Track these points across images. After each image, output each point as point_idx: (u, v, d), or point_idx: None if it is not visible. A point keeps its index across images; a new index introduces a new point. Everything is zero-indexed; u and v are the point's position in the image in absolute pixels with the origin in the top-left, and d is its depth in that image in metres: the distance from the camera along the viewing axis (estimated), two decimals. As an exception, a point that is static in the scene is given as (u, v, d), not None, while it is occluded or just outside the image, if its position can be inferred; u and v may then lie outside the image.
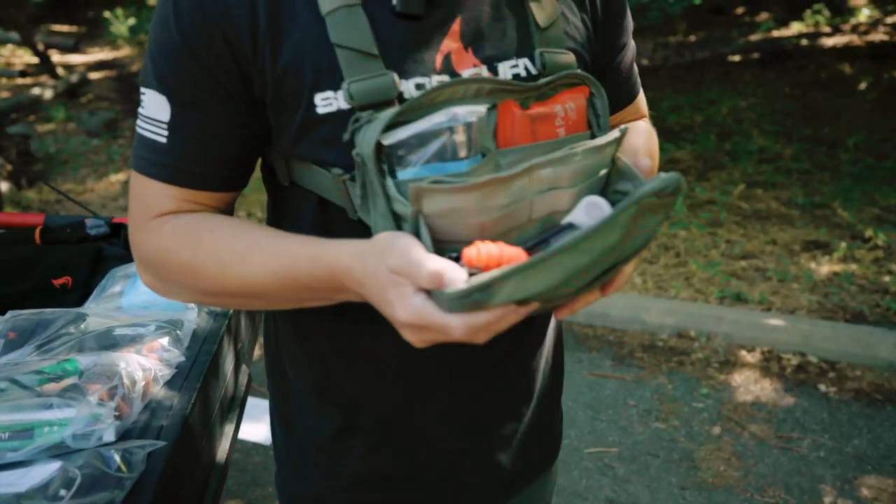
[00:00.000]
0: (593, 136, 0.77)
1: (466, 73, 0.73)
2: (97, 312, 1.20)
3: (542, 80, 0.72)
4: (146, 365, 1.02)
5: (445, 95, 0.67)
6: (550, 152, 0.69)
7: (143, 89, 0.72)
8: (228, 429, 1.20)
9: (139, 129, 0.73)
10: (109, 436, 0.90)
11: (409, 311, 0.59)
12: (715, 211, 4.03)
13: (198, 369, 1.11)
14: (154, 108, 0.71)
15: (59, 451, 0.89)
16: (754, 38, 7.36)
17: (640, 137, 0.92)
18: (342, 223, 0.73)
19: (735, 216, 3.96)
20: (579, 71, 0.75)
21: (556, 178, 0.68)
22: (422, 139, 0.65)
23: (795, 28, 7.53)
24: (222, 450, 1.14)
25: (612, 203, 0.72)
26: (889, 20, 7.20)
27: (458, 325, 0.57)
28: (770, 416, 2.54)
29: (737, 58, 6.80)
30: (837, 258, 3.48)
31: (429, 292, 0.59)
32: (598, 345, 3.01)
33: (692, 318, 3.04)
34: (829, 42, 6.89)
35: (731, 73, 6.36)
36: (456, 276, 0.57)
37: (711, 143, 4.88)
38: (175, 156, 0.71)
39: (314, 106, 0.69)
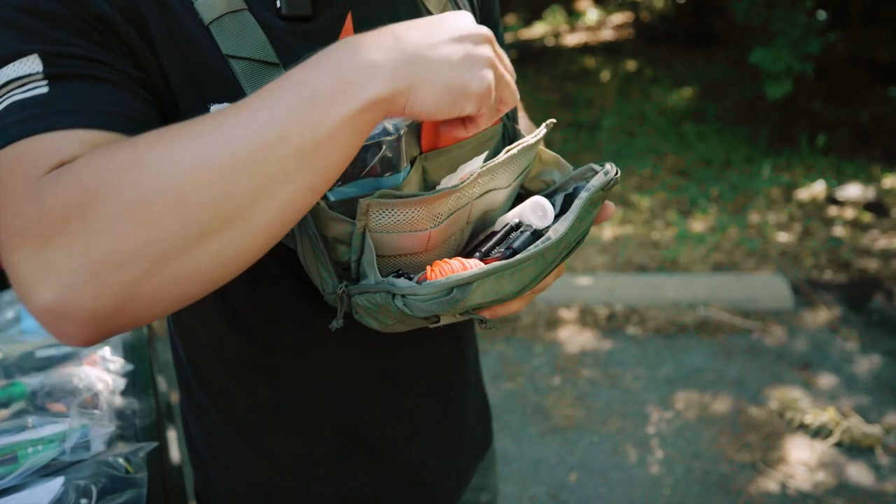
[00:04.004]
0: (505, 127, 0.77)
1: None
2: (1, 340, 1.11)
3: None
4: (102, 376, 0.98)
5: None
6: (473, 150, 0.68)
7: None
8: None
9: (1, 105, 0.51)
10: (101, 445, 0.87)
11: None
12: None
13: (144, 375, 1.08)
14: (15, 71, 0.51)
15: (48, 469, 0.83)
16: (507, 38, 8.10)
17: (524, 118, 0.93)
18: None
19: (528, 196, 4.40)
20: None
21: (495, 180, 0.67)
22: (355, 155, 0.59)
23: (539, 29, 8.43)
24: (176, 447, 1.12)
25: (537, 192, 0.75)
26: (614, 21, 8.36)
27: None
28: (595, 360, 2.92)
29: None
30: (617, 222, 4.05)
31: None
32: (437, 325, 3.20)
33: (514, 289, 3.36)
34: (570, 40, 7.83)
35: (496, 70, 6.97)
36: None
37: (493, 133, 5.34)
38: (70, 98, 0.51)
39: None
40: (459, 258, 0.60)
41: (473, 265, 0.59)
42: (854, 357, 2.81)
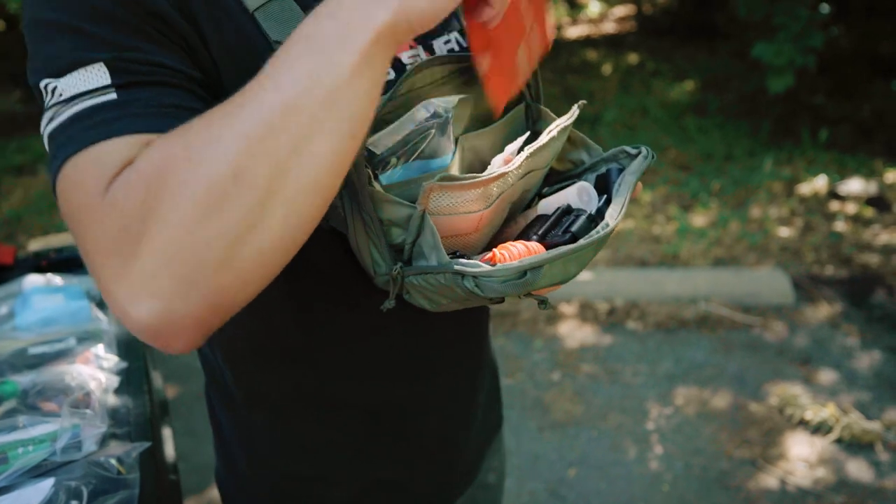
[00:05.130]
0: (528, 108, 0.78)
1: (405, 56, 0.70)
2: (-6, 337, 1.09)
3: None
4: (95, 375, 0.97)
5: (405, 88, 0.64)
6: (506, 130, 0.71)
7: (48, 81, 0.54)
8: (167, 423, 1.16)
9: (70, 112, 0.52)
10: (92, 445, 0.86)
11: None
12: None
13: (138, 372, 1.07)
14: (83, 82, 0.53)
15: (38, 470, 0.82)
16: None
17: None
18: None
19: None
20: None
21: (536, 161, 0.69)
22: (406, 141, 0.63)
23: (541, 21, 8.38)
24: (171, 444, 1.11)
25: (565, 171, 0.79)
26: (616, 14, 8.31)
27: None
28: (595, 355, 2.91)
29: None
30: (617, 216, 4.03)
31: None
32: (436, 320, 3.19)
33: (514, 283, 3.35)
34: (572, 33, 7.79)
35: (497, 63, 6.95)
36: None
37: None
38: (137, 103, 0.53)
39: None
40: (522, 241, 0.62)
41: (536, 248, 0.61)
42: (855, 353, 2.80)
